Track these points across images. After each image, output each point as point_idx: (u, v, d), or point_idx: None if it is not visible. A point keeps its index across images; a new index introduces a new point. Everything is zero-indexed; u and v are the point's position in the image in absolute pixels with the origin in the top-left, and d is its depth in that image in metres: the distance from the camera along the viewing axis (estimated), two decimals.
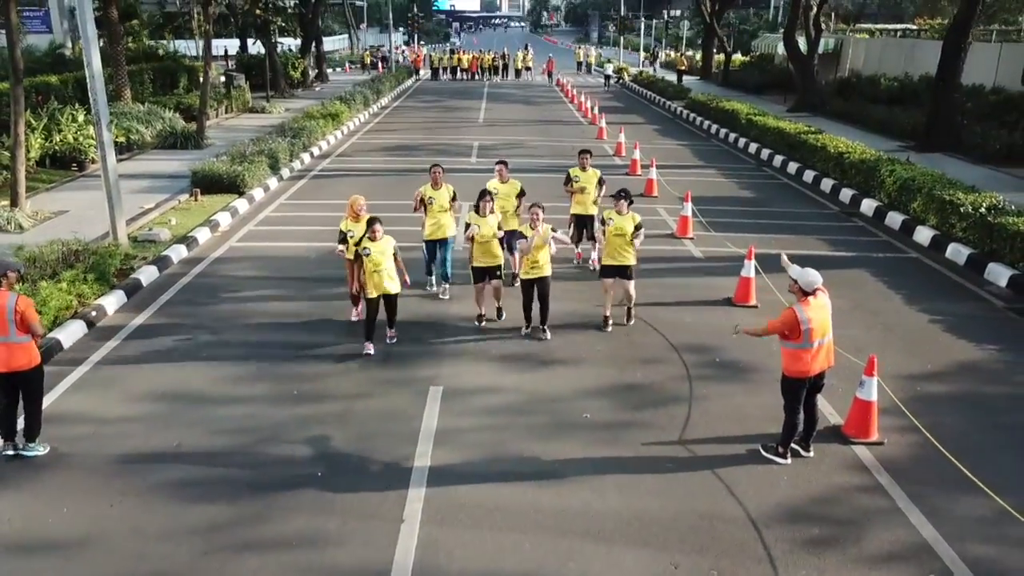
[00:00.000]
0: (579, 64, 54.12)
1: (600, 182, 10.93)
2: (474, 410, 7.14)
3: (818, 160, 17.49)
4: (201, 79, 28.63)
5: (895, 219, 13.75)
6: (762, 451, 6.40)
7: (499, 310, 9.17)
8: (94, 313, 8.99)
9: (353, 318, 9.10)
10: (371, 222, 7.98)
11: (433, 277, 10.07)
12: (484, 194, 8.92)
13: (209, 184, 14.88)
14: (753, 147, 21.41)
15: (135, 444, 6.51)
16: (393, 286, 8.10)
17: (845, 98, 26.89)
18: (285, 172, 17.33)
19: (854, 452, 6.49)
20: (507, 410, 7.17)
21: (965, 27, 18.82)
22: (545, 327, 8.64)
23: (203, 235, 12.37)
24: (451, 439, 6.62)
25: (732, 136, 23.29)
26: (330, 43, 75.88)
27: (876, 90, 25.33)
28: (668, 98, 32.95)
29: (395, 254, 8.09)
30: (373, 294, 8.04)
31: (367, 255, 7.83)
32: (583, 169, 10.92)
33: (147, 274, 10.43)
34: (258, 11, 25.25)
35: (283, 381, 7.67)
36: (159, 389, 7.46)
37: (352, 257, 8.40)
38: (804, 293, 6.12)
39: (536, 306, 8.62)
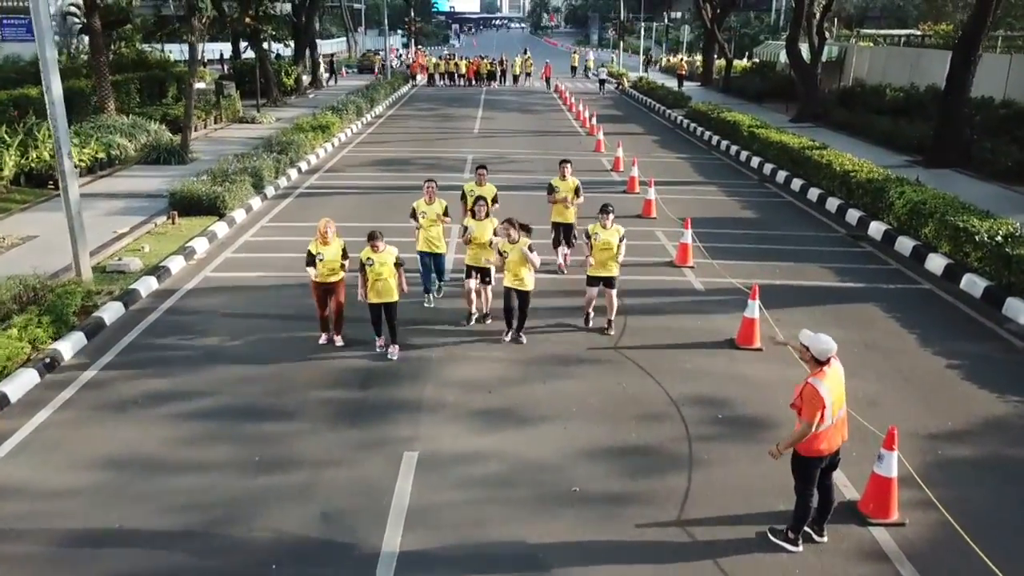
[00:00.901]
0: (573, 68, 53.49)
1: (577, 191, 11.35)
2: (451, 482, 6.49)
3: (823, 178, 16.84)
4: (187, 90, 28.30)
5: (905, 245, 13.09)
6: (770, 536, 5.75)
7: (485, 316, 9.67)
8: (48, 360, 8.35)
9: (321, 341, 9.07)
10: (372, 237, 8.37)
11: (430, 295, 10.31)
12: (479, 199, 9.46)
13: (188, 206, 14.24)
14: (755, 161, 20.76)
15: (74, 524, 5.87)
16: (394, 294, 8.55)
17: (848, 108, 26.25)
18: (270, 190, 16.69)
19: (872, 536, 5.84)
20: (488, 481, 6.52)
21: (975, 39, 18.17)
22: (521, 333, 9.17)
23: (176, 264, 11.73)
24: (425, 519, 5.98)
25: (734, 149, 22.65)
26: (327, 46, 75.41)
27: (880, 101, 24.69)
28: (668, 106, 32.32)
29: (398, 263, 8.50)
30: (375, 300, 8.54)
31: (370, 266, 8.34)
32: (562, 178, 11.40)
33: (112, 311, 9.78)
34: (248, 19, 24.60)
35: (245, 443, 7.02)
36: (108, 453, 6.82)
37: (318, 279, 8.78)
38: (818, 362, 5.46)
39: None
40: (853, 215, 15.07)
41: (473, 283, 9.40)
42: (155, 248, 12.44)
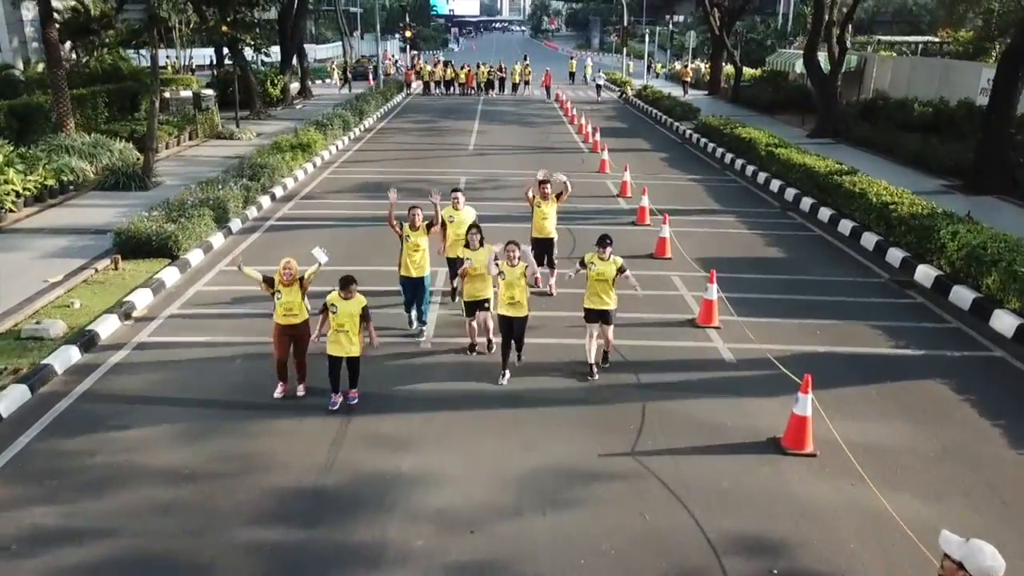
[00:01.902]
0: (572, 75, 51.88)
1: (558, 195, 11.23)
2: None
3: (857, 209, 15.01)
4: (165, 101, 26.50)
5: (963, 296, 11.26)
6: None
7: (489, 343, 9.41)
8: None
9: (276, 395, 8.20)
10: (346, 282, 7.64)
11: (413, 313, 9.92)
12: (472, 227, 9.24)
13: (135, 247, 12.42)
14: (775, 184, 18.94)
15: None
16: (356, 349, 7.84)
17: (871, 123, 24.44)
18: (236, 223, 14.86)
19: None
20: None
21: (1022, 53, 16.36)
22: (520, 354, 8.90)
23: (108, 327, 9.90)
24: None
25: (750, 169, 20.83)
26: (323, 51, 73.65)
27: (907, 116, 22.87)
28: (676, 118, 30.49)
29: (364, 316, 7.77)
30: (334, 353, 7.83)
31: (334, 313, 7.68)
32: (544, 198, 11.23)
33: (13, 399, 7.96)
34: (224, 27, 22.80)
35: None
36: None
37: (280, 321, 8.05)
38: None
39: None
40: (895, 255, 13.24)
41: (476, 321, 9.17)
42: (88, 303, 10.61)
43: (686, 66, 45.89)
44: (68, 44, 30.53)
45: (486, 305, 9.08)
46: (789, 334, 10.13)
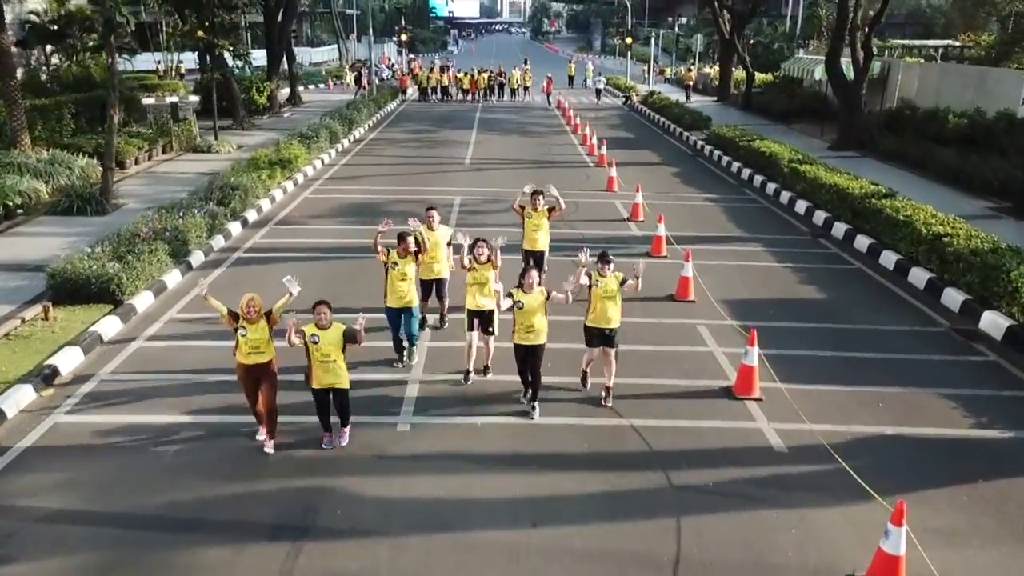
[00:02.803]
0: (571, 78, 50.55)
1: (550, 211, 11.13)
2: None
3: (901, 239, 13.25)
4: (143, 110, 24.74)
5: None
6: None
7: (486, 368, 8.95)
8: None
9: (260, 438, 7.45)
10: (316, 305, 7.02)
11: (403, 354, 9.25)
12: (477, 241, 8.80)
13: (72, 290, 10.66)
14: (801, 205, 17.18)
15: None
16: (343, 380, 7.25)
17: (898, 134, 22.66)
18: (198, 256, 13.09)
19: None
20: None
21: None
22: (535, 404, 8.14)
23: (20, 399, 8.13)
24: None
25: (771, 187, 19.07)
26: (319, 54, 71.91)
27: (939, 128, 21.07)
28: (685, 128, 28.74)
29: (349, 339, 7.09)
30: (319, 385, 7.20)
31: (315, 343, 7.02)
32: (534, 208, 11.08)
33: None
34: (200, 33, 21.05)
35: None
36: None
37: (244, 360, 7.21)
38: None
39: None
40: (953, 297, 11.47)
41: (476, 335, 8.68)
42: (4, 366, 8.85)
43: (689, 70, 44.29)
44: (49, 48, 28.96)
45: (490, 329, 8.68)
46: (845, 408, 8.37)
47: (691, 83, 40.93)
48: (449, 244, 9.86)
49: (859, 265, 13.59)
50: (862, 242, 14.38)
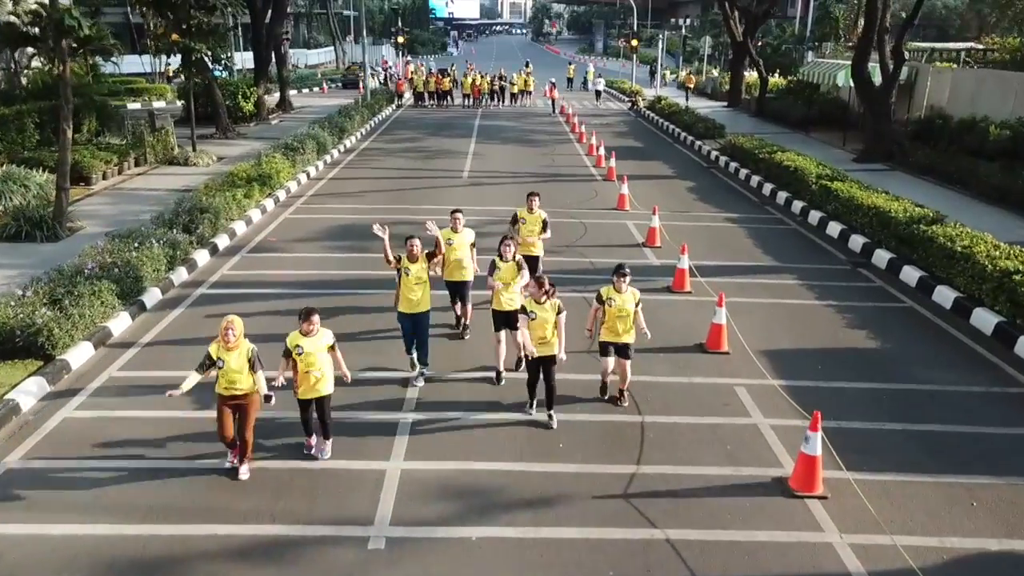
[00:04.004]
0: (570, 80, 49.53)
1: (544, 225, 10.88)
2: None
3: (960, 274, 11.58)
4: (121, 118, 23.10)
5: None
6: None
7: (518, 360, 8.88)
8: None
9: (227, 464, 7.08)
10: (307, 313, 6.99)
11: (414, 356, 8.87)
12: (504, 239, 8.90)
13: None
14: (834, 228, 15.51)
15: None
16: (326, 387, 7.11)
17: (931, 146, 20.97)
18: (153, 294, 11.41)
19: None
20: None
21: None
22: (551, 413, 7.92)
23: None
24: None
25: (797, 205, 17.41)
26: (315, 56, 70.32)
27: (978, 140, 19.38)
28: (697, 136, 27.07)
29: (332, 347, 7.12)
30: (305, 396, 7.08)
31: (299, 355, 6.92)
32: (530, 211, 10.92)
33: None
34: (175, 37, 19.40)
35: None
36: None
37: (223, 392, 6.78)
38: None
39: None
40: None
41: (503, 334, 8.73)
42: None
43: (689, 73, 43.34)
44: (30, 51, 27.34)
45: (517, 325, 7.92)
46: (932, 509, 6.69)
47: (691, 86, 41.11)
48: (473, 246, 9.87)
49: (909, 303, 11.92)
50: (910, 274, 12.71)
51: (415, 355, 8.85)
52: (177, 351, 9.66)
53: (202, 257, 13.19)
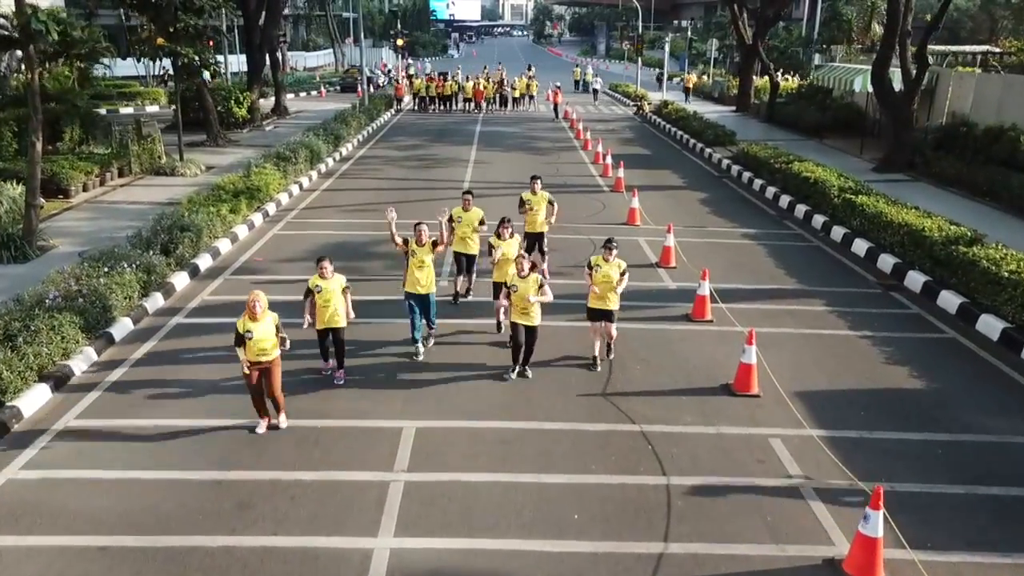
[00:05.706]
0: (576, 83, 49.40)
1: (550, 202, 12.31)
2: None
3: (1006, 301, 10.57)
4: (108, 124, 22.12)
5: None
6: None
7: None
8: None
9: (259, 431, 7.71)
10: (319, 260, 8.65)
11: (419, 345, 9.57)
12: (504, 220, 10.05)
13: None
14: (860, 246, 14.50)
15: None
16: (340, 321, 8.67)
17: (954, 156, 19.95)
18: (124, 324, 10.38)
19: None
20: None
21: None
22: (527, 367, 9.13)
23: None
24: None
25: (818, 219, 16.39)
26: (313, 59, 69.37)
27: (1009, 149, 18.34)
28: (707, 143, 26.05)
29: (345, 289, 8.69)
30: (322, 326, 8.67)
31: (319, 292, 8.50)
32: (533, 192, 12.24)
33: None
34: (160, 41, 18.41)
35: None
36: None
37: (251, 358, 7.54)
38: None
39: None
40: None
41: (504, 300, 9.06)
42: None
43: (689, 75, 43.02)
44: (19, 54, 26.38)
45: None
46: None
47: (690, 86, 42.02)
48: (481, 223, 11.08)
49: (951, 333, 10.89)
50: (949, 300, 11.68)
51: (419, 345, 9.56)
52: (145, 393, 8.66)
53: (181, 280, 12.18)
